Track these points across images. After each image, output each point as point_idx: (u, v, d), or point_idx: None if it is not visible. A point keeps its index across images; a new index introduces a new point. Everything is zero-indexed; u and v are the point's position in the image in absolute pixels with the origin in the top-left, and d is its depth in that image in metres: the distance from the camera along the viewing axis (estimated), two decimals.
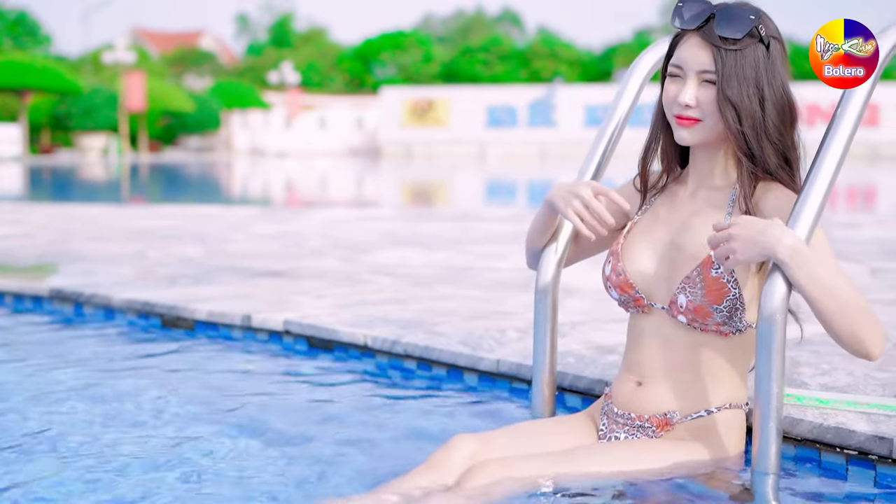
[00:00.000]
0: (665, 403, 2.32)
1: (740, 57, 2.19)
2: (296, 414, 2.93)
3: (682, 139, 2.28)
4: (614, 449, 2.31)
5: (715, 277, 2.22)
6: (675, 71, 2.27)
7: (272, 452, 2.57)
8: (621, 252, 2.39)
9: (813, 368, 3.00)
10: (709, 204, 2.33)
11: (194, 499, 2.24)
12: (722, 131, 2.25)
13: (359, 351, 3.59)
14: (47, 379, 3.33)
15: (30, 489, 2.27)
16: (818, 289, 2.08)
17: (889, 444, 2.30)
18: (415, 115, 49.27)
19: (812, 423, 2.44)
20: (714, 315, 2.24)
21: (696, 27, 2.23)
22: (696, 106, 2.23)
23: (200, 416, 2.90)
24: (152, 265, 5.68)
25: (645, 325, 2.37)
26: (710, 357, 2.30)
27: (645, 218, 2.43)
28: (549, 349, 2.67)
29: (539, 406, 2.71)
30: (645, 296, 2.34)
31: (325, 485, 2.32)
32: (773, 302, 2.11)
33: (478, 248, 6.80)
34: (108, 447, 2.59)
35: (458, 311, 4.06)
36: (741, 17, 2.19)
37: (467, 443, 2.27)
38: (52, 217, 9.45)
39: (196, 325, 4.08)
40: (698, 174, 2.36)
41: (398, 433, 2.75)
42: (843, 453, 2.38)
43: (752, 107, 2.20)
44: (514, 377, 3.13)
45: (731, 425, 2.32)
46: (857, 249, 6.58)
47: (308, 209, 12.23)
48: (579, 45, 72.51)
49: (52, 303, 4.59)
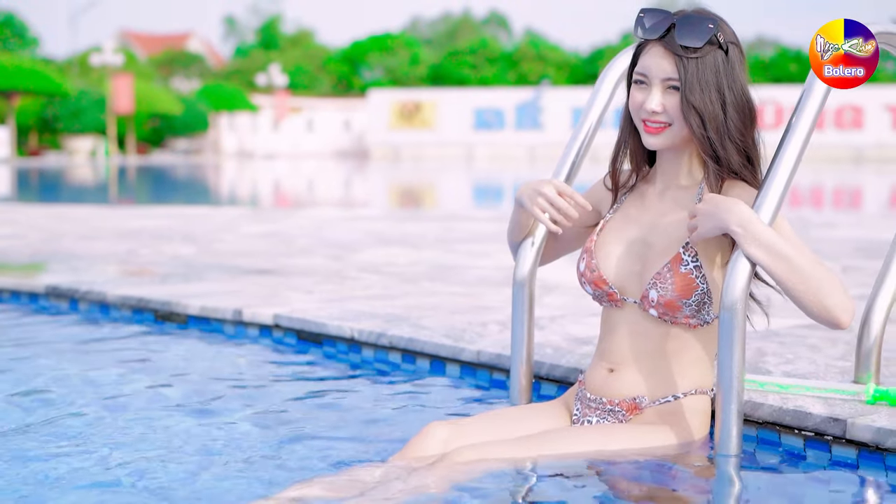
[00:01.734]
0: (635, 389, 2.47)
1: (701, 64, 2.33)
2: (286, 403, 3.07)
3: (651, 144, 2.41)
4: (586, 432, 2.45)
5: (684, 273, 2.36)
6: (641, 78, 2.40)
7: (263, 438, 2.70)
8: (594, 249, 2.52)
9: (778, 357, 3.15)
10: (676, 203, 2.47)
11: (189, 481, 2.36)
12: (688, 134, 2.39)
13: (346, 344, 3.73)
14: (45, 372, 3.45)
15: (30, 476, 2.38)
16: (776, 262, 2.23)
17: (843, 425, 2.45)
18: (402, 117, 49.37)
19: (772, 407, 2.59)
20: (683, 309, 2.38)
21: (658, 37, 2.36)
22: (662, 112, 2.37)
23: (194, 406, 3.03)
24: (144, 263, 5.82)
25: (617, 318, 2.51)
26: (679, 347, 2.45)
27: (616, 216, 2.56)
28: (527, 339, 2.81)
29: (516, 393, 2.85)
30: (618, 290, 2.48)
31: (311, 469, 2.46)
32: (733, 293, 2.27)
33: (463, 246, 6.95)
34: (107, 436, 2.70)
35: (442, 306, 4.20)
36: (700, 25, 2.32)
37: (442, 429, 2.41)
38: (42, 217, 9.57)
39: (189, 319, 4.22)
40: (665, 175, 2.50)
41: (383, 421, 2.89)
42: (801, 434, 2.53)
43: (715, 111, 2.34)
44: (494, 367, 3.28)
45: (697, 409, 2.46)
46: (832, 248, 6.75)
47: (296, 210, 12.35)
48: (566, 48, 72.69)
49: (48, 299, 4.72)
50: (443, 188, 22.20)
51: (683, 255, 2.38)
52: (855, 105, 44.05)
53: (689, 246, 2.38)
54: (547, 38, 76.94)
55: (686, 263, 2.37)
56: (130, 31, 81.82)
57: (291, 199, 17.45)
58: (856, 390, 2.63)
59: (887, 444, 2.37)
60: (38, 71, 40.44)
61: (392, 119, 49.46)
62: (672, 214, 2.46)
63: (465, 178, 27.06)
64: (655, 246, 2.45)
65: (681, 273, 2.37)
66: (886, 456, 2.38)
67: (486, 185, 23.16)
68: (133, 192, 20.07)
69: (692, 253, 2.38)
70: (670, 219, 2.46)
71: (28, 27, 57.49)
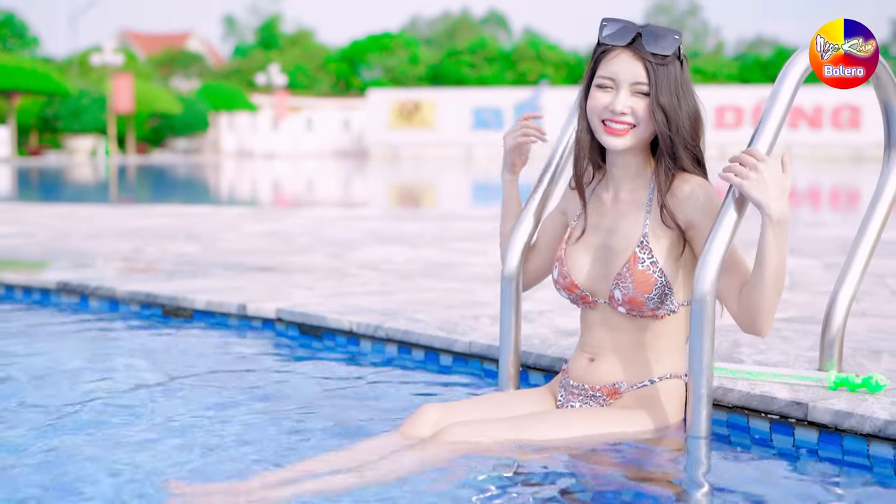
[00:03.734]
0: (614, 375, 2.68)
1: (666, 71, 2.54)
2: (289, 391, 3.27)
3: (613, 145, 2.60)
4: (570, 415, 2.65)
5: (642, 271, 2.58)
6: (606, 83, 2.58)
7: (268, 423, 2.89)
8: (564, 258, 2.74)
9: (752, 349, 3.34)
10: (630, 204, 2.68)
11: (200, 461, 2.55)
12: (647, 136, 2.60)
13: (345, 336, 3.93)
14: (59, 363, 3.64)
15: (47, 459, 2.56)
16: (777, 258, 2.43)
17: (804, 408, 2.65)
18: (401, 116, 49.58)
19: (741, 392, 2.79)
20: (647, 303, 2.59)
21: (626, 44, 2.57)
22: (629, 113, 2.56)
23: (203, 394, 3.23)
24: (150, 261, 6.02)
25: (593, 316, 2.72)
26: (651, 336, 2.65)
27: (579, 225, 2.77)
28: (515, 330, 3.01)
29: (505, 381, 3.04)
30: (589, 293, 2.69)
31: (313, 449, 2.65)
32: (703, 286, 2.46)
33: (459, 245, 7.15)
34: (119, 424, 2.88)
35: (437, 301, 4.40)
36: (667, 36, 2.54)
37: (434, 410, 2.61)
38: (50, 217, 9.76)
39: (195, 313, 4.42)
40: (615, 178, 2.70)
41: (380, 407, 3.09)
42: (767, 418, 2.73)
43: (678, 114, 2.55)
44: (484, 357, 3.48)
45: (672, 393, 2.66)
46: (816, 246, 6.95)
47: (296, 209, 12.55)
48: (565, 47, 72.85)
49: (59, 295, 4.92)
50: (441, 188, 22.41)
51: (640, 253, 2.59)
52: (853, 105, 44.27)
53: (644, 244, 2.59)
54: (546, 38, 77.13)
55: (643, 261, 2.58)
56: (130, 30, 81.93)
57: (292, 199, 17.65)
58: (819, 377, 2.82)
59: (844, 426, 2.57)
60: (38, 71, 40.59)
61: (391, 119, 49.66)
62: (626, 216, 2.67)
63: (463, 177, 27.27)
64: (615, 249, 2.66)
65: (639, 271, 2.58)
66: (844, 437, 2.58)
67: (484, 185, 23.35)
68: (135, 192, 20.26)
69: (647, 251, 2.59)
70: (625, 221, 2.66)
71: (28, 27, 57.63)
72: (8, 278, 5.10)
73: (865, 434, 2.54)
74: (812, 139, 44.50)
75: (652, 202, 2.64)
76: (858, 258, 2.98)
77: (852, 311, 4.10)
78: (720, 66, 64.46)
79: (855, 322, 3.88)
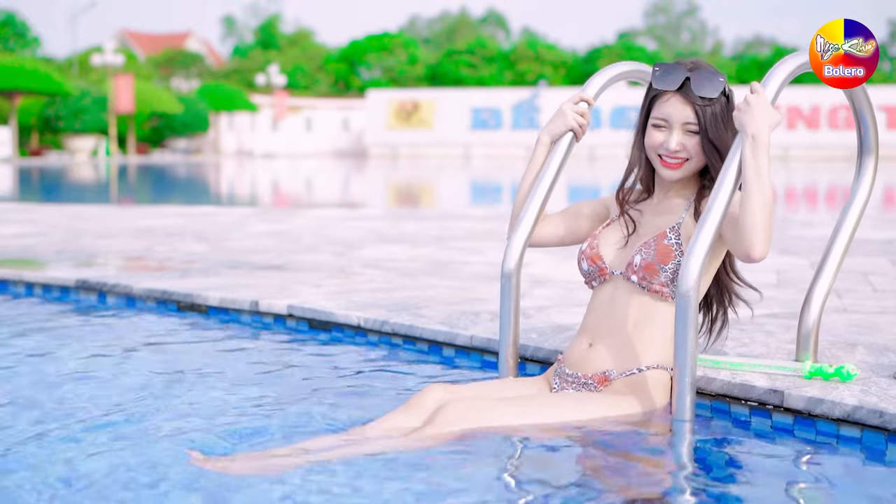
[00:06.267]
0: (606, 363, 2.92)
1: (713, 110, 2.88)
2: (300, 381, 3.49)
3: (670, 177, 2.95)
4: (563, 398, 2.90)
5: (666, 245, 2.89)
6: (661, 123, 2.93)
7: (282, 411, 3.10)
8: (598, 236, 3.07)
9: (736, 342, 3.57)
10: (668, 209, 3.02)
11: (217, 447, 2.74)
12: (699, 168, 2.94)
13: (353, 331, 4.16)
14: (80, 358, 3.85)
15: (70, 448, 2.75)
16: (755, 174, 2.67)
17: (781, 395, 2.88)
18: (400, 117, 49.78)
19: (723, 381, 3.01)
20: (660, 273, 2.87)
21: (676, 89, 2.87)
22: (682, 150, 2.90)
23: (219, 386, 3.44)
24: (162, 259, 6.24)
25: (602, 293, 3.01)
26: (647, 319, 2.91)
27: (618, 220, 3.11)
28: (513, 324, 3.23)
29: (504, 372, 3.26)
30: (608, 266, 2.99)
31: (324, 430, 2.87)
32: (687, 282, 2.69)
33: (459, 244, 7.37)
34: (139, 413, 3.07)
35: (439, 297, 4.63)
36: (713, 80, 2.87)
37: (439, 389, 2.86)
38: (61, 217, 9.97)
39: (209, 310, 4.65)
40: (664, 191, 3.05)
41: (386, 396, 3.31)
42: (747, 404, 2.96)
43: (727, 145, 2.88)
44: (485, 350, 3.71)
45: (658, 382, 2.89)
46: (805, 245, 7.18)
47: (300, 209, 12.75)
48: (564, 47, 73.04)
49: (77, 292, 5.14)
50: (440, 188, 22.62)
51: (669, 233, 2.92)
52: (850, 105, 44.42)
53: (675, 228, 2.91)
54: (544, 38, 77.35)
55: (669, 238, 2.91)
56: (129, 30, 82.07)
57: (295, 199, 17.86)
58: (795, 367, 3.05)
59: (817, 411, 2.80)
60: (39, 71, 40.70)
61: (390, 119, 49.86)
62: (663, 216, 3.01)
63: (462, 177, 27.49)
64: (645, 236, 2.99)
65: (663, 244, 2.90)
66: (817, 421, 2.81)
67: (482, 185, 23.60)
68: (138, 192, 20.46)
69: (676, 234, 2.91)
70: (660, 218, 3.01)
71: (29, 27, 57.77)
72: (28, 276, 5.32)
73: (836, 419, 2.77)
74: (809, 140, 44.70)
75: (691, 204, 2.97)
76: (833, 257, 3.22)
77: (835, 307, 4.35)
78: (718, 67, 64.56)
79: (836, 317, 4.11)
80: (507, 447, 2.70)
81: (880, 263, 6.15)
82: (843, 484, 2.52)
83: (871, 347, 3.50)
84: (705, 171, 2.99)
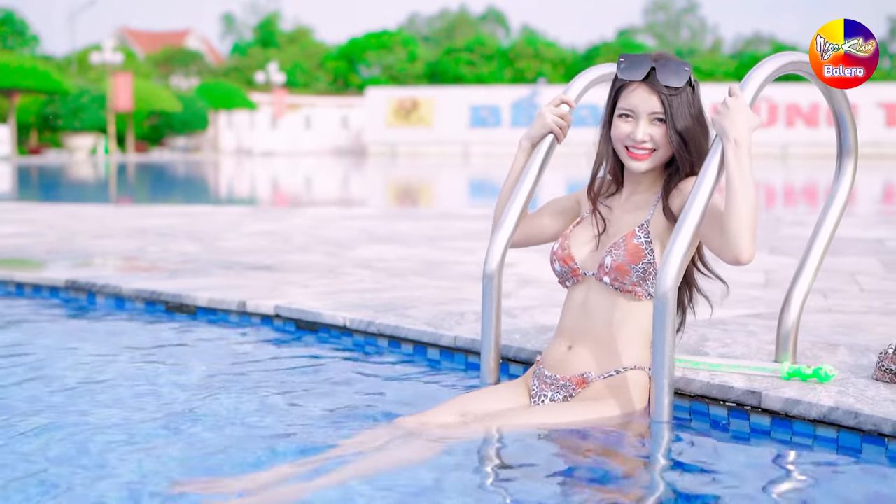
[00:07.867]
0: (585, 365, 2.93)
1: (679, 99, 2.88)
2: (286, 382, 3.51)
3: (637, 168, 2.94)
4: (541, 408, 2.92)
5: (636, 244, 2.89)
6: (628, 113, 2.93)
7: (267, 413, 3.11)
8: (569, 235, 3.07)
9: (718, 343, 3.58)
10: (637, 206, 3.01)
11: (203, 450, 2.76)
12: (666, 158, 2.94)
13: (339, 331, 4.18)
14: (69, 358, 3.87)
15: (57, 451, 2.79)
16: (738, 177, 2.68)
17: (758, 396, 2.90)
18: (399, 114, 49.80)
19: (702, 382, 3.03)
20: (631, 273, 2.88)
21: (641, 79, 2.89)
22: (649, 140, 2.90)
23: (206, 385, 3.46)
24: (154, 260, 6.26)
25: (576, 293, 3.02)
26: (623, 320, 2.92)
27: (589, 217, 3.11)
28: (495, 325, 3.25)
29: (486, 373, 3.29)
30: (580, 267, 3.00)
31: (309, 435, 2.89)
32: (665, 284, 2.71)
33: (450, 244, 7.39)
34: (127, 413, 3.10)
35: (426, 298, 4.65)
36: (678, 69, 2.87)
37: (410, 423, 2.81)
38: (56, 216, 9.99)
39: (198, 310, 4.67)
40: (632, 185, 3.05)
41: (370, 397, 3.32)
42: (725, 405, 2.98)
43: (693, 135, 2.89)
44: (468, 351, 3.72)
45: (637, 383, 2.91)
46: (796, 245, 7.19)
47: (294, 209, 12.78)
48: (563, 45, 73.03)
49: (67, 292, 5.16)
50: (437, 186, 22.64)
51: (638, 231, 2.92)
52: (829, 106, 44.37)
53: (644, 226, 2.91)
54: (544, 36, 77.33)
55: (638, 237, 2.90)
56: (128, 28, 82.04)
57: (290, 198, 17.87)
58: (774, 368, 3.07)
59: (794, 412, 2.82)
60: (38, 69, 40.71)
61: (389, 116, 49.88)
62: (631, 214, 3.00)
63: (460, 175, 27.51)
64: (615, 235, 2.99)
65: (633, 244, 2.90)
66: (793, 422, 2.83)
67: (480, 184, 23.60)
68: (136, 190, 20.47)
69: (645, 231, 2.91)
70: (629, 216, 3.00)
71: (28, 25, 57.74)
72: (18, 276, 5.34)
73: (812, 419, 2.79)
74: (808, 137, 44.72)
75: (659, 200, 2.97)
76: (812, 258, 3.24)
77: (819, 307, 4.36)
78: (717, 64, 64.59)
79: (820, 317, 4.13)
80: (486, 450, 2.72)
81: (869, 263, 6.17)
82: (819, 485, 2.54)
83: (852, 348, 3.51)
84: (671, 162, 2.97)
